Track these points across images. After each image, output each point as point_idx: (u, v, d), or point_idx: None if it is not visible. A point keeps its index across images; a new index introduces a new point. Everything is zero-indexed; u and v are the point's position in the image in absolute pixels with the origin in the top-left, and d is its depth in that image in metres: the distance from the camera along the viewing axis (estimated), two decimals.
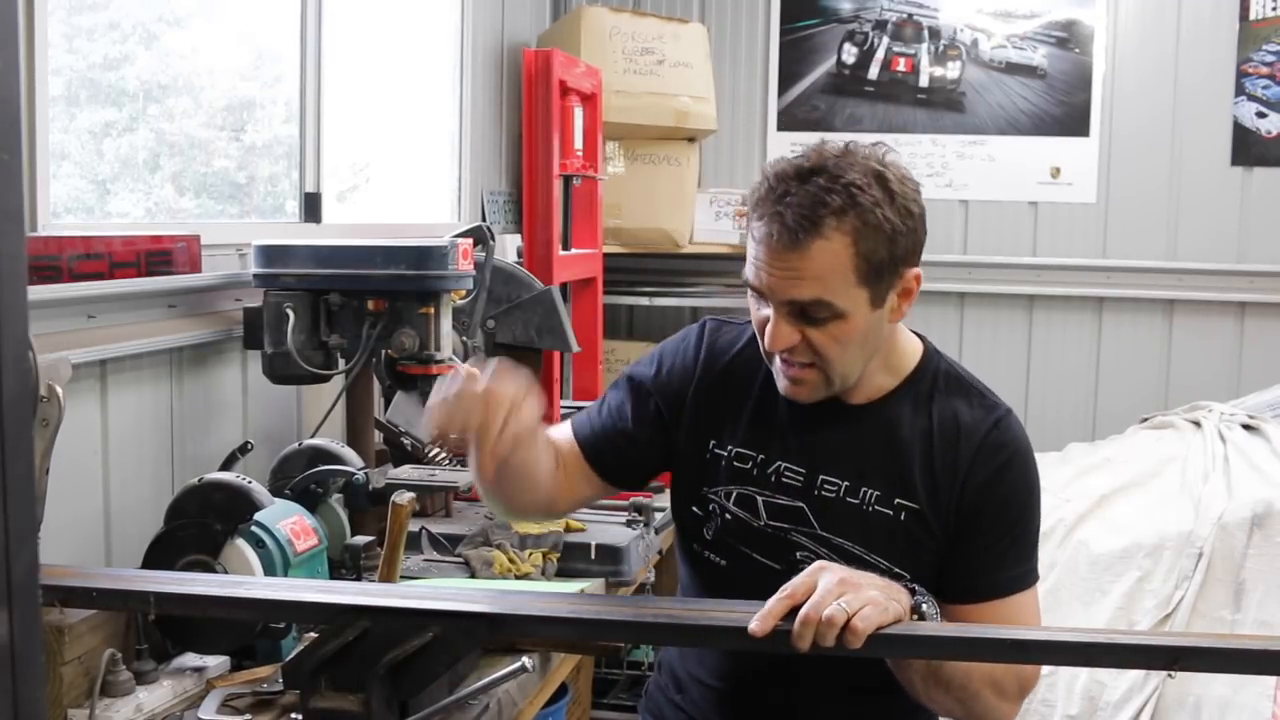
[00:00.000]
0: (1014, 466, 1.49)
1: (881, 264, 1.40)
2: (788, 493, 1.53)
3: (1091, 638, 1.29)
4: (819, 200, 1.36)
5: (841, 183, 1.37)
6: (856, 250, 1.37)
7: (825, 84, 4.56)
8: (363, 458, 2.31)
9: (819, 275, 1.38)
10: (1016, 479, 1.50)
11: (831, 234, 1.37)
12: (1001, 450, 1.49)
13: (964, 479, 1.48)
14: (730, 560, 1.57)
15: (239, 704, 1.63)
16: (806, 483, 1.53)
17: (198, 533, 1.78)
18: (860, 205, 1.37)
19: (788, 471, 1.54)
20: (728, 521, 1.56)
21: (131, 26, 2.48)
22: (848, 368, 1.47)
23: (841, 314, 1.40)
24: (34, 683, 0.75)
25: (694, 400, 1.60)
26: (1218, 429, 3.18)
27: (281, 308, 2.24)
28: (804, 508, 1.52)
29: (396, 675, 1.32)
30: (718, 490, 1.57)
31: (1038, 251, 4.43)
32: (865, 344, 1.46)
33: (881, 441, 1.51)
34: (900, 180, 1.42)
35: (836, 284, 1.38)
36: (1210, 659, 1.25)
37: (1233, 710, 2.54)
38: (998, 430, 1.50)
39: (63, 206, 2.20)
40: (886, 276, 1.42)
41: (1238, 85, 4.21)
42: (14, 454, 0.72)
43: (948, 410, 1.51)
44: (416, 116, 3.67)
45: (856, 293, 1.40)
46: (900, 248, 1.41)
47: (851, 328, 1.42)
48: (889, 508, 1.49)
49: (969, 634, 1.32)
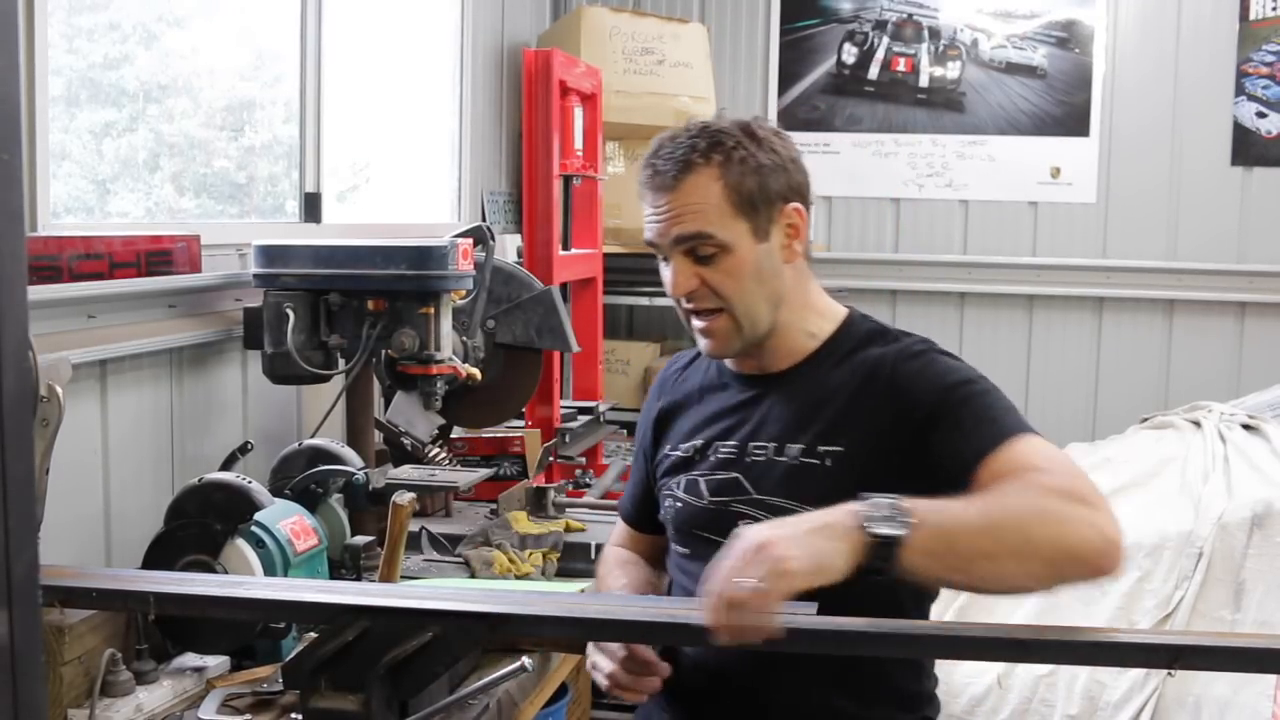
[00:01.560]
0: (931, 361, 1.52)
1: (753, 195, 1.52)
2: (724, 466, 1.59)
3: (1092, 636, 1.29)
4: (687, 146, 1.52)
5: (706, 132, 1.54)
6: (725, 183, 1.51)
7: (825, 84, 4.56)
8: (363, 458, 2.31)
9: (696, 209, 1.51)
10: (941, 369, 1.51)
11: (700, 170, 1.51)
12: (914, 358, 1.53)
13: (894, 397, 1.50)
14: (690, 546, 1.62)
15: (239, 704, 1.63)
16: (739, 452, 1.58)
17: (198, 533, 1.78)
18: (723, 144, 1.52)
19: (722, 448, 1.60)
20: (680, 509, 1.63)
21: (131, 26, 2.48)
22: (749, 305, 1.54)
23: (726, 246, 1.52)
24: (34, 683, 0.75)
25: (658, 418, 1.73)
26: (1218, 429, 3.18)
27: (281, 308, 2.24)
28: (739, 477, 1.57)
29: (396, 675, 1.32)
30: (670, 483, 1.65)
31: (1038, 251, 4.43)
32: (761, 281, 1.54)
33: (803, 399, 1.57)
34: (769, 132, 1.56)
35: (713, 216, 1.51)
36: (1210, 657, 1.25)
37: (1233, 710, 2.54)
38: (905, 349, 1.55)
39: (63, 206, 2.20)
40: (762, 208, 1.53)
41: (1238, 85, 4.21)
42: (14, 454, 0.72)
43: (868, 359, 1.56)
44: (416, 116, 3.67)
45: (735, 224, 1.52)
46: (772, 182, 1.53)
47: (740, 261, 1.52)
48: (814, 457, 1.52)
49: (968, 633, 1.32)
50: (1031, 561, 1.25)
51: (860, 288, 4.52)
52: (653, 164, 1.55)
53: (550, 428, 3.11)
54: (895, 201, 4.51)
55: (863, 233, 4.57)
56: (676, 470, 1.65)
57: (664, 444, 1.70)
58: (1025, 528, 1.25)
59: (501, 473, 2.79)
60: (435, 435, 2.62)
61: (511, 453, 2.83)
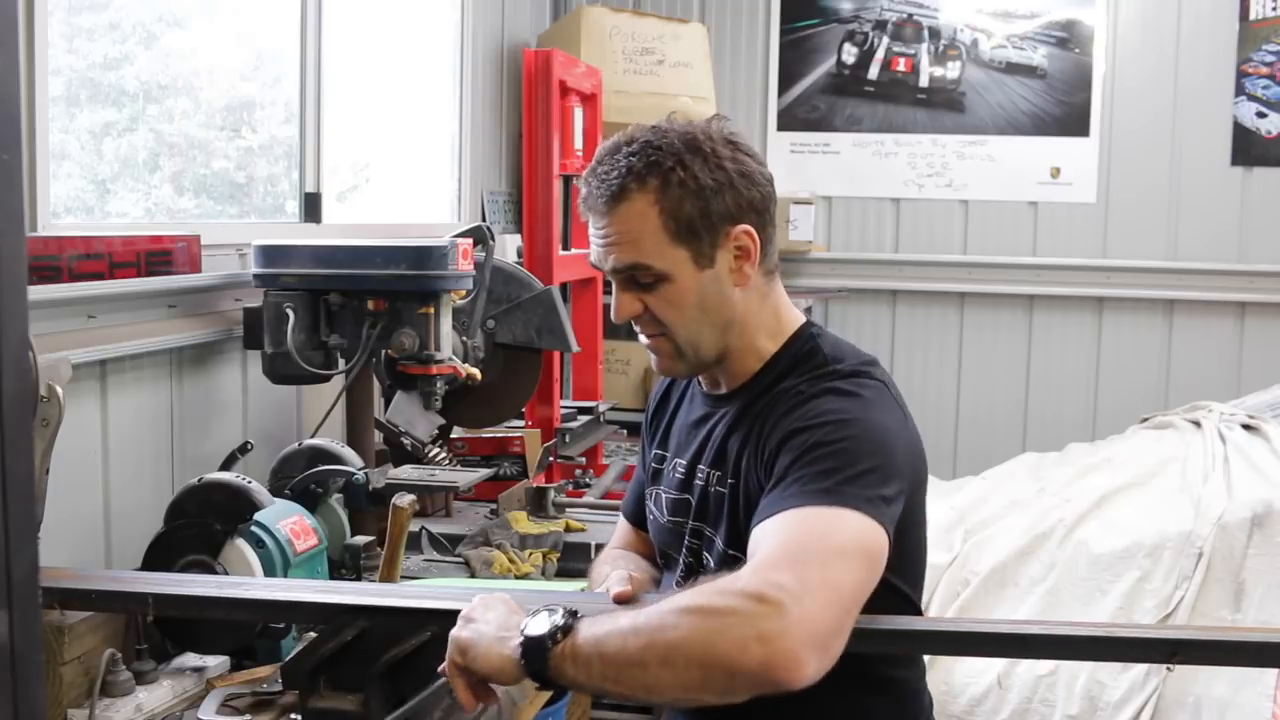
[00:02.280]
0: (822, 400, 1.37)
1: (693, 221, 1.40)
2: (677, 487, 1.55)
3: (1091, 632, 1.29)
4: (623, 169, 1.40)
5: (646, 149, 1.40)
6: (661, 209, 1.39)
7: (825, 84, 4.56)
8: (363, 458, 2.31)
9: (631, 239, 1.41)
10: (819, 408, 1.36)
11: (634, 197, 1.40)
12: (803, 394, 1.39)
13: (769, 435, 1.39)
14: (664, 560, 1.61)
15: (239, 704, 1.63)
16: (688, 474, 1.54)
17: (198, 533, 1.78)
18: (659, 165, 1.39)
19: (679, 467, 1.56)
20: (653, 521, 1.61)
21: (131, 26, 2.48)
22: (692, 334, 1.45)
23: (665, 276, 1.41)
24: (34, 683, 0.75)
25: (653, 422, 1.68)
26: (1218, 429, 3.18)
27: (281, 308, 2.24)
28: (689, 498, 1.53)
29: (395, 675, 1.32)
30: (650, 491, 1.63)
31: (1038, 251, 4.43)
32: (706, 308, 1.44)
33: (733, 426, 1.48)
34: (720, 142, 1.43)
35: (649, 245, 1.40)
36: (1208, 651, 1.25)
37: (1233, 710, 2.53)
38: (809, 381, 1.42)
39: (63, 206, 2.20)
40: (705, 234, 1.41)
41: (1238, 85, 4.21)
42: (14, 454, 0.72)
43: (785, 388, 1.43)
44: (416, 116, 3.67)
45: (674, 252, 1.40)
46: (715, 205, 1.40)
47: (681, 290, 1.42)
48: (724, 486, 1.46)
49: (968, 628, 1.32)
50: (684, 671, 1.11)
51: (860, 288, 4.53)
52: (589, 182, 1.44)
53: (550, 428, 3.11)
54: (895, 201, 4.51)
55: (863, 233, 4.57)
56: (651, 481, 1.63)
57: (653, 445, 1.67)
58: (672, 633, 1.12)
59: (501, 473, 2.79)
60: (435, 435, 2.62)
61: (511, 453, 2.83)
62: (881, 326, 4.56)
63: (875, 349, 1.70)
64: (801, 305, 4.25)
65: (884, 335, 4.53)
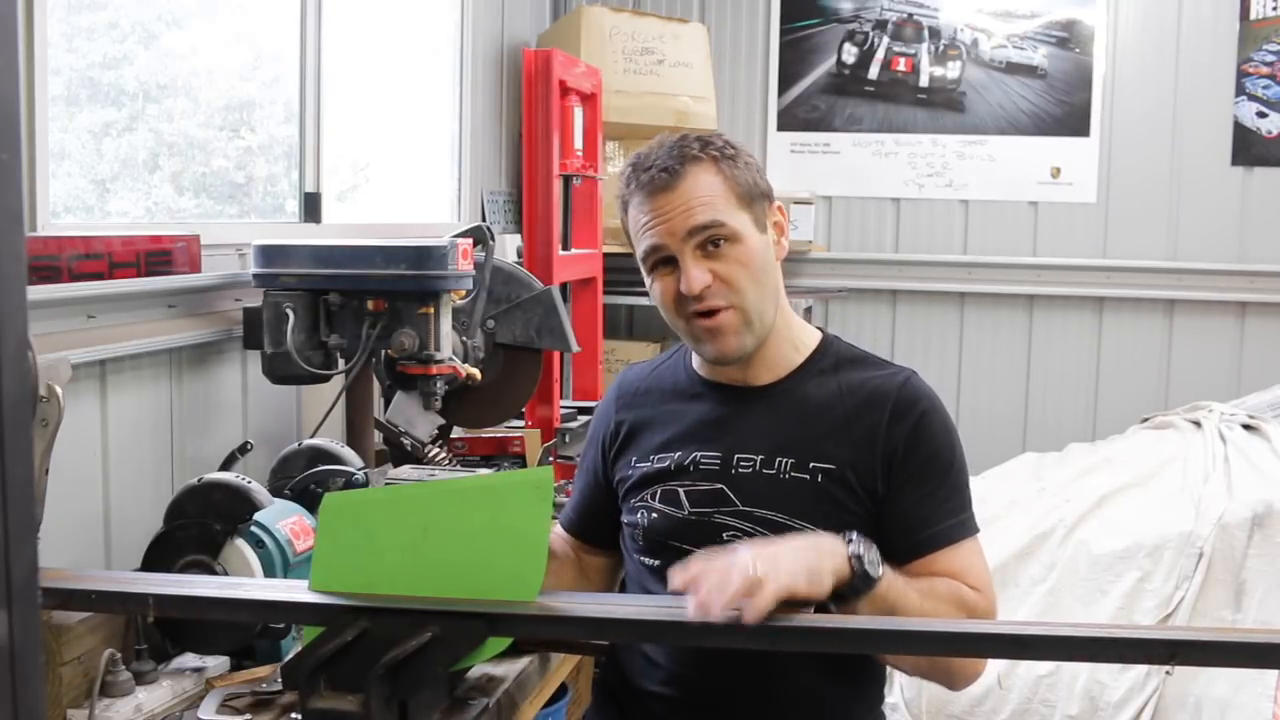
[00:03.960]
0: (933, 417, 1.56)
1: (751, 187, 1.56)
2: (707, 478, 1.58)
3: (1091, 632, 1.29)
4: (677, 153, 1.55)
5: (690, 138, 1.57)
6: (724, 175, 1.55)
7: (825, 84, 4.56)
8: (363, 458, 2.30)
9: (705, 199, 1.53)
10: (938, 429, 1.56)
11: (700, 168, 1.54)
12: (916, 404, 1.57)
13: (885, 436, 1.54)
14: (662, 557, 1.58)
15: (238, 704, 1.63)
16: (723, 464, 1.58)
17: (197, 533, 1.78)
18: (712, 144, 1.57)
19: (704, 459, 1.59)
20: (654, 520, 1.61)
21: (131, 26, 2.47)
22: (759, 300, 1.55)
23: (737, 234, 1.53)
24: (34, 683, 0.75)
25: (617, 431, 1.70)
26: (1218, 429, 3.18)
27: (281, 308, 2.24)
28: (723, 488, 1.57)
29: (395, 675, 1.32)
30: (644, 494, 1.63)
31: (1038, 251, 4.43)
32: (766, 273, 1.57)
33: (792, 413, 1.59)
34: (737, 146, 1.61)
35: (721, 205, 1.53)
36: (1208, 652, 1.25)
37: (1233, 710, 2.54)
38: (908, 387, 1.58)
39: (63, 206, 2.20)
40: (758, 201, 1.57)
41: (1238, 85, 4.21)
42: (14, 454, 0.72)
43: (854, 379, 1.60)
44: (416, 116, 3.67)
45: (740, 215, 1.55)
46: (760, 181, 1.59)
47: (750, 250, 1.54)
48: (805, 473, 1.54)
49: (967, 629, 1.32)
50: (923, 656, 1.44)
51: (860, 288, 4.53)
52: (649, 169, 1.55)
53: (550, 428, 3.11)
54: (895, 201, 4.51)
55: (863, 233, 4.57)
56: (649, 482, 1.63)
57: (628, 457, 1.67)
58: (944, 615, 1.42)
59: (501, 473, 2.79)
60: (435, 435, 2.62)
61: (511, 452, 2.83)
62: (881, 326, 4.56)
63: (875, 349, 1.72)
64: (802, 305, 4.28)
65: (884, 335, 4.53)
